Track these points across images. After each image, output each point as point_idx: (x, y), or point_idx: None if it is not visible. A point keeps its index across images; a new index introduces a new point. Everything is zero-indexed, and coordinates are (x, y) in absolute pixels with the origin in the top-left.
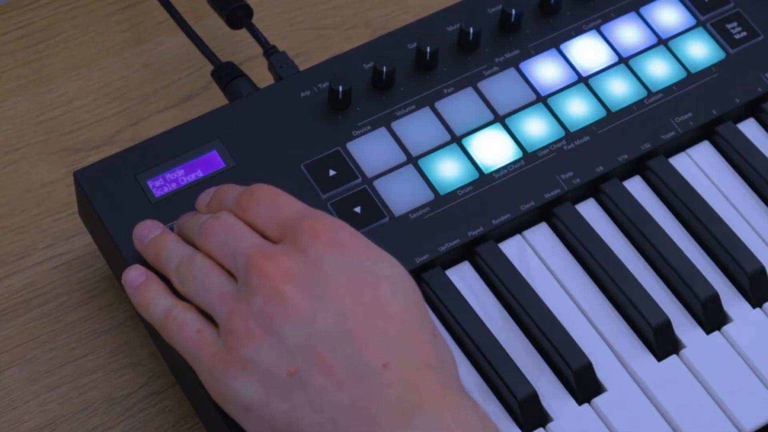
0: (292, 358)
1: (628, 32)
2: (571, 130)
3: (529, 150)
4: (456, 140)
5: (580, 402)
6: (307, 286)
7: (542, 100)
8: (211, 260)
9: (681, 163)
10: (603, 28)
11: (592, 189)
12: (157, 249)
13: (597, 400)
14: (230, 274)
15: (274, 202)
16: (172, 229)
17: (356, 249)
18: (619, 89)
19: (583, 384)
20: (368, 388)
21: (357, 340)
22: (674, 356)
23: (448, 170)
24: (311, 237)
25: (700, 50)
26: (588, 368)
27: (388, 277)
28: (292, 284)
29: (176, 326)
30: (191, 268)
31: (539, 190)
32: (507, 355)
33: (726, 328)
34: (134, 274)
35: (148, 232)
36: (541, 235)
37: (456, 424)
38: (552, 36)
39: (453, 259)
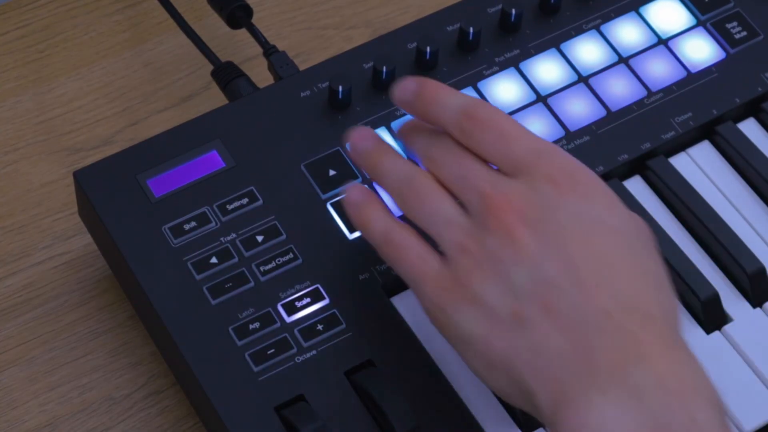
0: (517, 299)
1: (628, 32)
2: (571, 129)
3: None
4: None
5: None
6: (540, 231)
7: (542, 99)
8: (434, 180)
9: (681, 163)
10: (603, 27)
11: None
12: (374, 162)
13: None
14: (454, 197)
15: (502, 134)
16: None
17: (592, 196)
18: (619, 89)
19: None
20: (589, 336)
21: (582, 288)
22: None
23: None
24: (548, 182)
25: (700, 50)
26: None
27: (619, 228)
28: (526, 228)
29: (397, 250)
30: (414, 186)
31: None
32: None
33: (726, 328)
34: (356, 195)
35: (365, 143)
36: None
37: (672, 378)
38: (552, 36)
39: None
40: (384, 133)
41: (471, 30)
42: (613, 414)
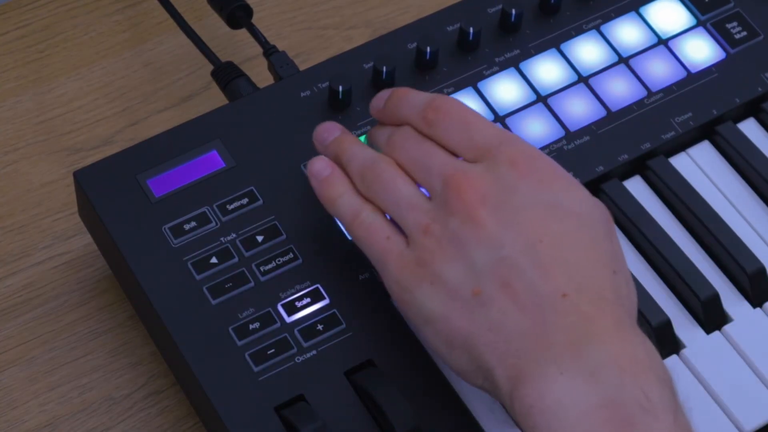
0: (477, 279)
1: (628, 32)
2: (571, 129)
3: None
4: None
5: None
6: (500, 212)
7: (542, 99)
8: (396, 165)
9: (681, 163)
10: (603, 28)
11: (592, 189)
12: (338, 150)
13: None
14: (417, 184)
15: (464, 122)
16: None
17: (551, 180)
18: (619, 89)
19: None
20: (545, 315)
21: (541, 268)
22: (674, 356)
23: None
24: (509, 166)
25: (700, 50)
26: None
27: (578, 211)
28: (486, 209)
29: (364, 230)
30: (376, 171)
31: None
32: None
33: (726, 328)
34: (320, 166)
35: (328, 134)
36: None
37: (625, 357)
38: (552, 36)
39: None
40: None
41: (471, 30)
42: (568, 390)
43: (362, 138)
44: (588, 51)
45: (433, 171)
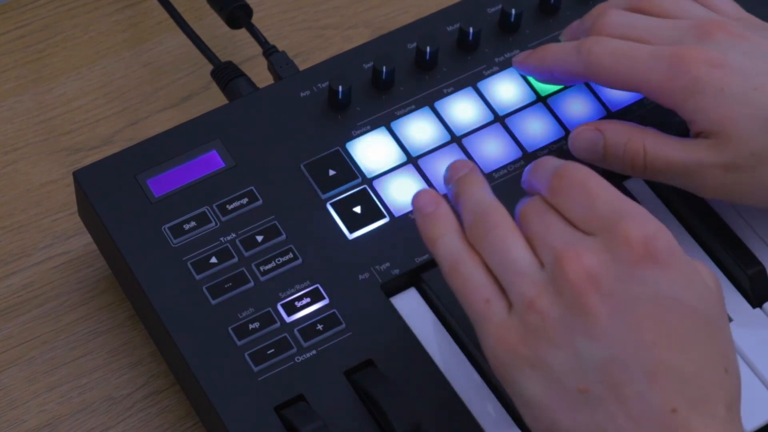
0: (585, 375)
1: None
2: (572, 129)
3: (529, 150)
4: (456, 140)
5: None
6: (612, 302)
7: (542, 100)
8: (512, 221)
9: None
10: None
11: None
12: (460, 188)
13: None
14: (531, 251)
15: (586, 192)
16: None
17: (668, 267)
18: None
19: None
20: (652, 429)
21: (652, 376)
22: None
23: None
24: (624, 245)
25: None
26: None
27: (695, 306)
28: (598, 296)
29: (462, 282)
30: (490, 222)
31: None
32: None
33: None
34: (426, 200)
35: (455, 172)
36: None
37: None
38: (552, 36)
39: None
40: (383, 134)
41: (471, 30)
42: None
43: (366, 135)
44: None
45: (547, 244)
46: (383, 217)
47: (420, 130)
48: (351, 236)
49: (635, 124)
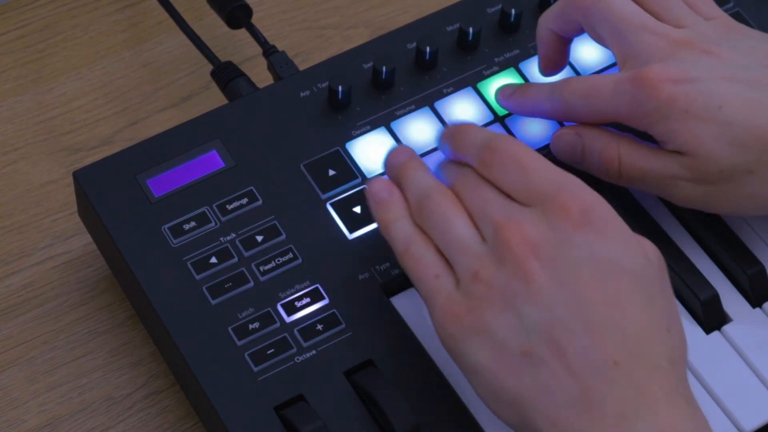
0: (527, 337)
1: None
2: None
3: None
4: None
5: None
6: (552, 266)
7: None
8: (454, 200)
9: None
10: None
11: (593, 188)
12: (401, 174)
13: None
14: (474, 223)
15: (520, 166)
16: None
17: (605, 234)
18: None
19: None
20: (597, 382)
21: (594, 332)
22: None
23: None
24: (562, 213)
25: None
26: None
27: (633, 269)
28: (538, 262)
29: (414, 262)
30: (433, 204)
31: None
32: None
33: (726, 328)
34: (378, 187)
35: (395, 159)
36: None
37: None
38: None
39: None
40: (383, 134)
41: (471, 30)
42: None
43: (366, 135)
44: (588, 51)
45: (486, 215)
46: None
47: (420, 130)
48: (351, 236)
49: (613, 130)
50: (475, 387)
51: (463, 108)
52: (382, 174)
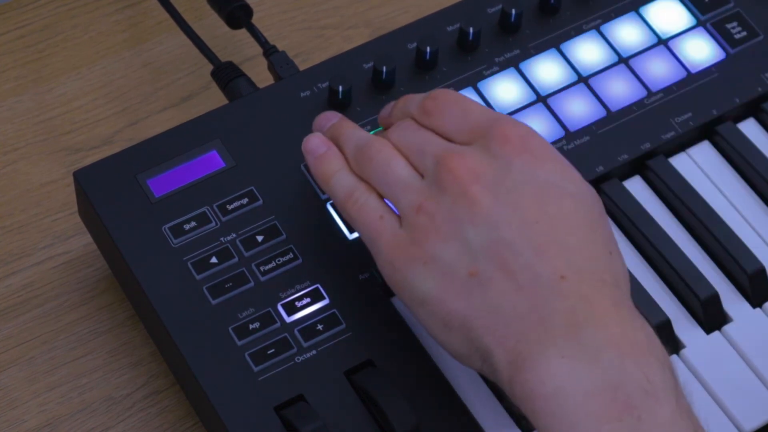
0: (474, 259)
1: (627, 32)
2: (571, 129)
3: None
4: None
5: None
6: (494, 190)
7: (542, 99)
8: (391, 147)
9: (681, 162)
10: (603, 28)
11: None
12: (335, 133)
13: None
14: (412, 167)
15: (461, 107)
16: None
17: (544, 160)
18: (619, 89)
19: None
20: (545, 297)
21: (538, 249)
22: (674, 356)
23: None
24: (501, 142)
25: (700, 50)
26: None
27: (573, 193)
28: (480, 186)
29: (357, 209)
30: (371, 151)
31: None
32: None
33: (726, 328)
34: (316, 143)
35: (326, 121)
36: None
37: (625, 340)
38: (552, 36)
39: None
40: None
41: (471, 30)
42: (569, 375)
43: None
44: (588, 51)
45: (426, 153)
46: None
47: None
48: (351, 236)
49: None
50: (424, 319)
51: None
52: None
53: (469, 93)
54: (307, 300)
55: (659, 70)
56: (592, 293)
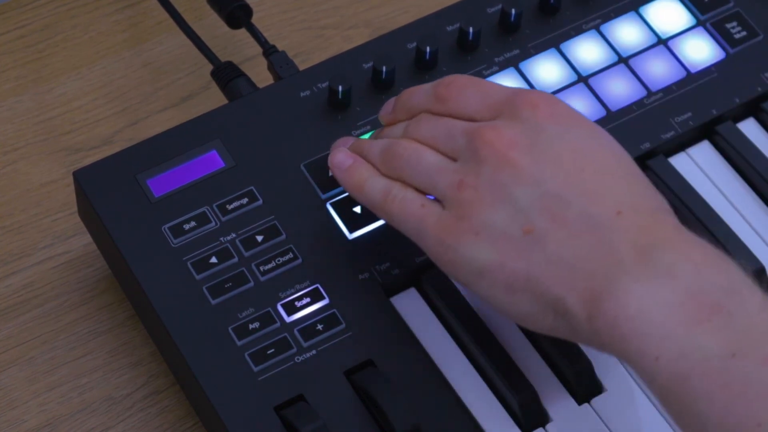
0: (525, 217)
1: (627, 32)
2: None
3: None
4: None
5: (579, 402)
6: (532, 151)
7: None
8: (416, 142)
9: (681, 162)
10: (603, 27)
11: None
12: (357, 147)
13: (596, 400)
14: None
15: (476, 87)
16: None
17: (572, 117)
18: (619, 89)
19: (584, 384)
20: (605, 235)
21: (588, 194)
22: None
23: None
24: (530, 108)
25: (700, 50)
26: (588, 368)
27: (609, 146)
28: (518, 150)
29: (398, 204)
30: (398, 150)
31: None
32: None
33: None
34: (341, 157)
35: (344, 144)
36: None
37: (696, 253)
38: (552, 36)
39: None
40: None
41: (471, 30)
42: (649, 293)
43: (367, 136)
44: (588, 51)
45: (455, 135)
46: None
47: None
48: (351, 236)
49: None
50: (485, 291)
51: None
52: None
53: None
54: (307, 300)
55: (659, 70)
56: (650, 222)
